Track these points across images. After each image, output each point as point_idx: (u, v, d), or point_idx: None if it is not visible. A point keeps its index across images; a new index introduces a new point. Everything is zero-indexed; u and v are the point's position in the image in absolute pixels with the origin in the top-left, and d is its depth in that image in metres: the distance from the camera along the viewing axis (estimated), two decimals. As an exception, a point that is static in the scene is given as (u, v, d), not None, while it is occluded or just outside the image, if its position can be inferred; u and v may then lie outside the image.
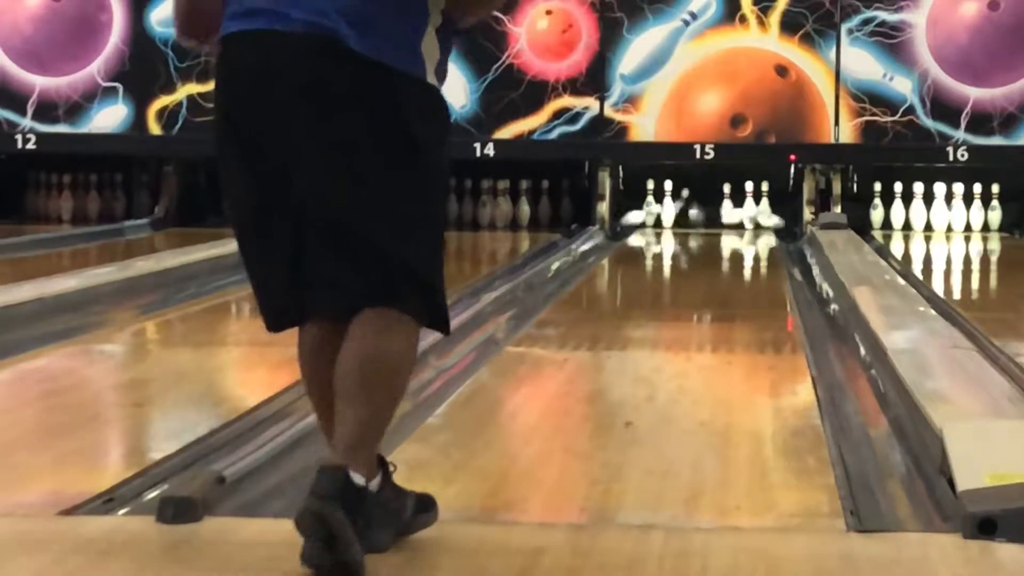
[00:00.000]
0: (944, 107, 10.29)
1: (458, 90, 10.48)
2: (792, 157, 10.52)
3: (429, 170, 2.77)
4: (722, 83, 10.50)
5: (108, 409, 4.67)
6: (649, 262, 9.85)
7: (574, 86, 10.53)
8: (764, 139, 10.45)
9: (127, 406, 4.65)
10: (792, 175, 10.76)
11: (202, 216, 10.59)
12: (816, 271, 8.22)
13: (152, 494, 3.30)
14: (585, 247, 9.70)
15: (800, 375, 5.10)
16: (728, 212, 10.81)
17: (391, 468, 2.83)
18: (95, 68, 11.04)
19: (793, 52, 10.40)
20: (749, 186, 10.77)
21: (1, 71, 11.15)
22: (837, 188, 10.66)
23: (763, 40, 10.43)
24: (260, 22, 2.74)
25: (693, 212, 10.71)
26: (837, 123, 10.35)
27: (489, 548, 2.94)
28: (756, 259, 9.80)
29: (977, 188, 10.59)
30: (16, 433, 4.15)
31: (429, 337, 5.83)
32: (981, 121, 10.27)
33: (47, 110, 11.07)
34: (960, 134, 10.28)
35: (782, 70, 10.43)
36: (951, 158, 10.29)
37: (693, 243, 10.36)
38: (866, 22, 10.34)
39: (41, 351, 5.49)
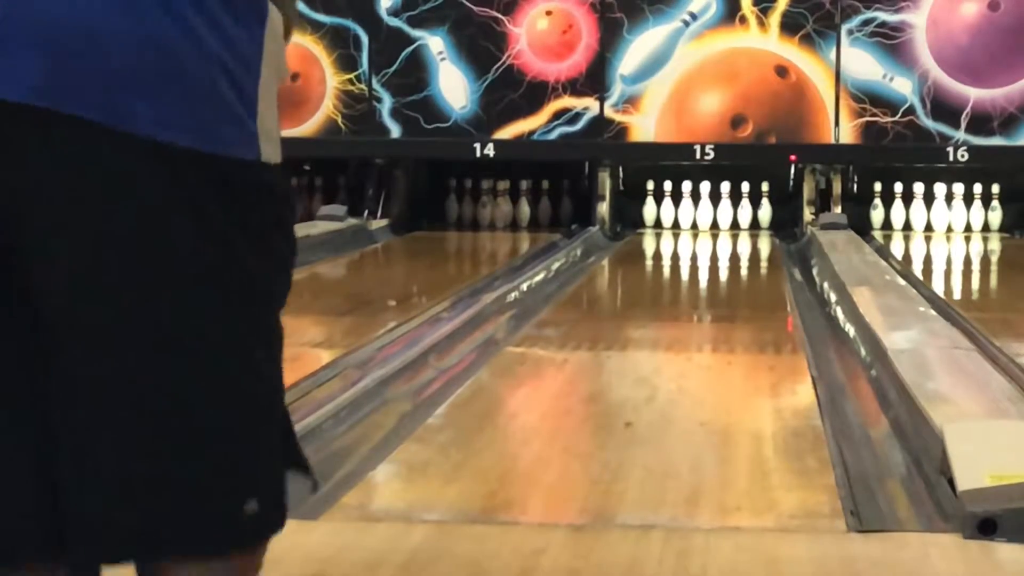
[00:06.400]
0: (944, 107, 10.29)
1: (458, 90, 10.48)
2: (792, 157, 10.52)
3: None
4: (722, 84, 10.49)
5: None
6: (649, 262, 9.85)
7: (574, 86, 10.52)
8: (764, 139, 10.44)
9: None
10: (792, 175, 10.75)
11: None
12: (816, 271, 8.22)
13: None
14: (585, 247, 9.70)
15: (800, 375, 5.10)
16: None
17: None
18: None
19: (793, 53, 10.39)
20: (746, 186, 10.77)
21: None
22: (837, 188, 10.65)
23: (763, 41, 10.43)
24: None
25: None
26: (837, 123, 10.34)
27: (489, 548, 2.94)
28: (756, 259, 9.79)
29: (977, 188, 10.58)
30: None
31: (429, 337, 5.84)
32: (981, 121, 10.27)
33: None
34: (960, 134, 10.27)
35: (782, 71, 10.42)
36: (951, 158, 10.28)
37: (693, 243, 10.36)
38: (866, 23, 10.34)
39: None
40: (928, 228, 10.60)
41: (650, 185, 10.83)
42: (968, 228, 10.58)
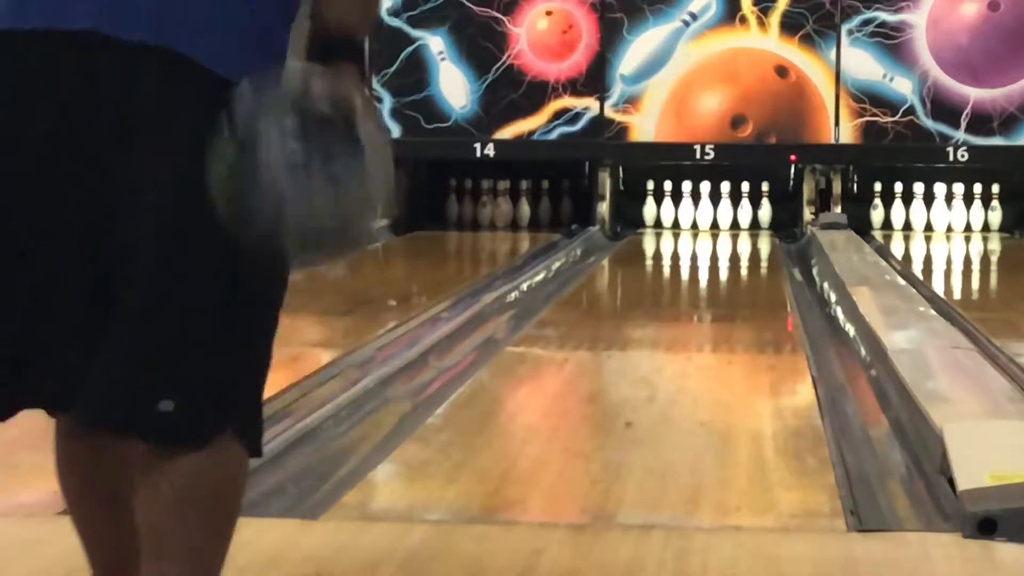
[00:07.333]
0: (944, 107, 10.29)
1: (458, 90, 10.48)
2: (792, 157, 10.52)
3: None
4: (722, 84, 10.50)
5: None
6: (649, 262, 9.85)
7: (574, 86, 10.52)
8: (764, 139, 10.44)
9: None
10: (792, 175, 10.75)
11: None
12: (816, 271, 8.22)
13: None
14: (585, 247, 9.70)
15: (800, 375, 5.10)
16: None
17: None
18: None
19: (793, 53, 10.39)
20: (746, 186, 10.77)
21: None
22: (837, 188, 10.65)
23: (763, 41, 10.43)
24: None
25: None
26: (837, 123, 10.35)
27: (489, 548, 2.94)
28: (756, 259, 9.79)
29: (977, 188, 10.59)
30: (16, 433, 4.13)
31: (429, 337, 5.84)
32: (981, 121, 10.27)
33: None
34: (960, 134, 10.28)
35: (782, 71, 10.43)
36: (951, 158, 10.29)
37: (693, 243, 10.36)
38: (866, 23, 10.34)
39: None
40: (928, 228, 10.60)
41: (650, 185, 10.83)
42: (968, 228, 10.58)
